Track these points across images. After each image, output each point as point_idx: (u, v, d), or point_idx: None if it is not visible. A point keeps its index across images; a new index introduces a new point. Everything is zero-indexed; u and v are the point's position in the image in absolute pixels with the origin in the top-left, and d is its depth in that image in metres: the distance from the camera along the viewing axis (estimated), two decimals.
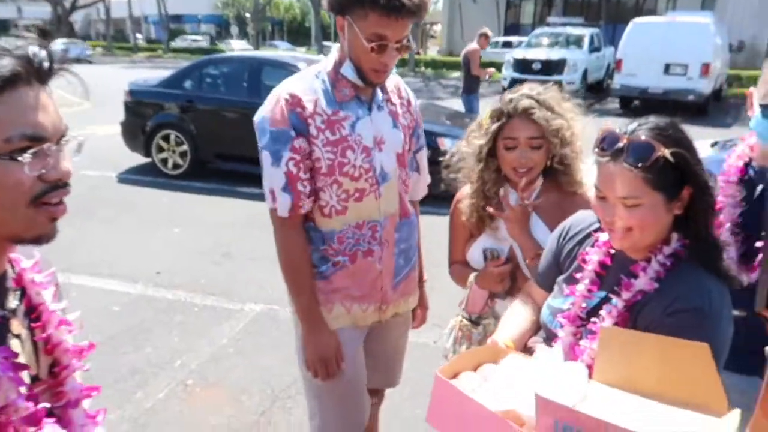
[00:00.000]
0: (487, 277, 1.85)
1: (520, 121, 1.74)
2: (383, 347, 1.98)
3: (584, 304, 1.34)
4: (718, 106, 14.35)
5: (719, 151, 4.38)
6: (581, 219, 1.48)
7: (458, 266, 1.99)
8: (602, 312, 1.28)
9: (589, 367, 1.23)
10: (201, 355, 3.49)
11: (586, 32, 16.74)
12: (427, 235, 2.18)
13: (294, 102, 1.65)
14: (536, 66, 14.80)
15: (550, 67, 14.92)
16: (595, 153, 1.25)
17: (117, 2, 40.44)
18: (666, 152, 1.16)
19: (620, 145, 1.19)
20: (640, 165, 1.16)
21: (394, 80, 1.84)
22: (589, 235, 1.43)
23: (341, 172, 1.69)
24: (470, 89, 9.17)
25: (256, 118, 1.70)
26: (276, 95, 1.69)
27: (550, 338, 1.39)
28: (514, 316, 1.54)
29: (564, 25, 17.83)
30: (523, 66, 15.09)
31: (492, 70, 10.25)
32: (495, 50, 24.28)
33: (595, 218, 1.39)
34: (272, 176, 1.67)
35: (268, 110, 1.67)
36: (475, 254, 1.91)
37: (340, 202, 1.72)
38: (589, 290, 1.34)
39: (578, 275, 1.37)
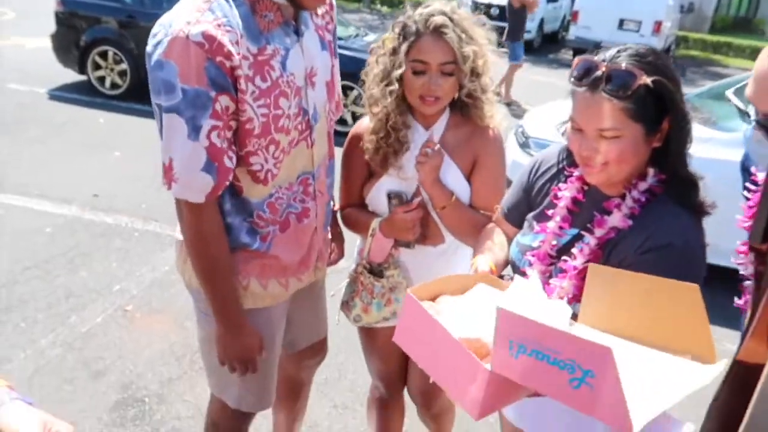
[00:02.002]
0: (396, 223, 1.64)
1: (430, 41, 1.51)
2: (309, 302, 1.74)
3: (555, 242, 1.31)
4: None
5: None
6: (553, 153, 1.43)
7: (353, 210, 1.77)
8: (574, 250, 1.26)
9: None
10: (142, 281, 3.36)
11: None
12: None
13: (213, 49, 1.19)
14: (494, 11, 14.57)
15: None
16: (570, 82, 1.19)
17: None
18: (648, 80, 1.11)
19: (599, 73, 1.13)
20: (620, 94, 1.11)
21: None
22: (561, 171, 1.39)
23: (277, 128, 1.33)
24: (515, 36, 8.52)
25: (153, 56, 1.22)
26: (177, 32, 1.19)
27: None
28: (493, 241, 1.47)
29: None
30: (480, 11, 14.91)
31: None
32: None
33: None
34: (186, 152, 1.25)
35: (175, 55, 1.19)
36: (376, 197, 1.71)
37: (277, 164, 1.38)
38: (561, 227, 1.31)
39: (550, 212, 1.34)
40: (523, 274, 1.33)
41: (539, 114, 4.74)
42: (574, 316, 1.13)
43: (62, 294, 3.17)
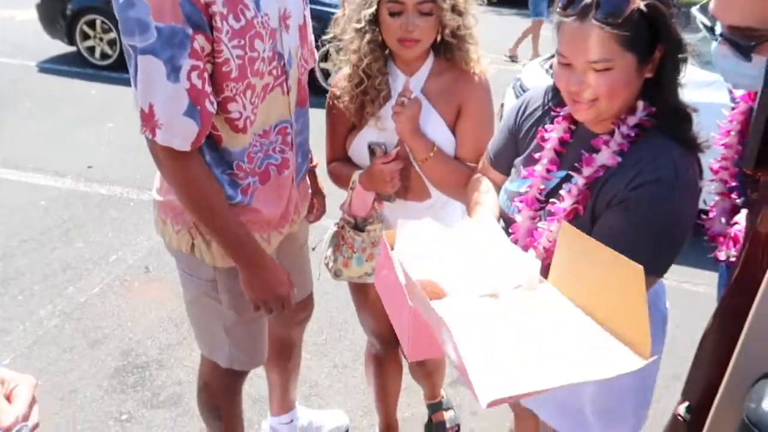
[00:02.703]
0: (375, 175, 1.58)
1: None
2: (294, 259, 1.70)
3: (543, 186, 1.26)
4: None
5: None
6: (539, 93, 1.36)
7: (338, 164, 1.70)
8: (562, 191, 1.20)
9: (547, 251, 1.17)
10: (139, 250, 3.35)
11: None
12: None
13: None
14: None
15: None
16: (557, 13, 1.12)
17: None
18: (640, 3, 1.04)
19: (588, 0, 1.06)
20: (611, 21, 1.04)
21: None
22: (547, 112, 1.32)
23: (253, 71, 1.28)
24: None
25: None
26: None
27: (508, 224, 1.31)
28: (488, 195, 1.41)
29: None
30: None
31: None
32: None
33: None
34: (167, 95, 1.19)
35: None
36: (358, 149, 1.63)
37: (254, 110, 1.33)
38: (548, 170, 1.26)
39: (537, 155, 1.28)
40: (513, 221, 1.29)
41: (537, 66, 4.62)
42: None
43: (59, 266, 3.15)
